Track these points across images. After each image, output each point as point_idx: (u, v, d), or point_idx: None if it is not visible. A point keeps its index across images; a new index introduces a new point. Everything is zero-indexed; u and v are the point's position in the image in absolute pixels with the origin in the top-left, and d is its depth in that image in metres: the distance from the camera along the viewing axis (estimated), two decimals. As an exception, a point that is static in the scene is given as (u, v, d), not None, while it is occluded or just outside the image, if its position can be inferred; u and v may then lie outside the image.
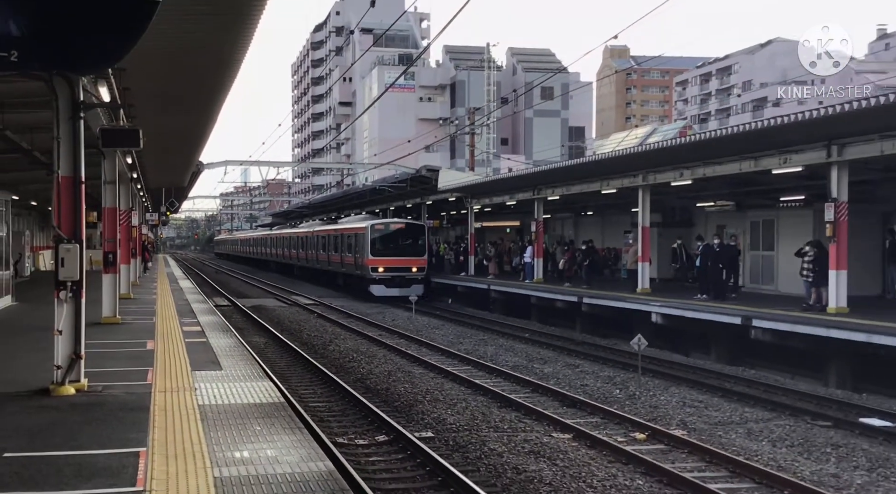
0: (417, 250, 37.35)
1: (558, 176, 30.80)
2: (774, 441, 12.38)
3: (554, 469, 10.62)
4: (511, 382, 17.18)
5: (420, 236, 37.92)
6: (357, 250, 38.46)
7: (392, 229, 38.17)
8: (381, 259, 36.58)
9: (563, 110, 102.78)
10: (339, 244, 42.45)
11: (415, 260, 36.91)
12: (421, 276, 36.94)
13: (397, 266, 36.50)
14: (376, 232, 37.35)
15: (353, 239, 39.44)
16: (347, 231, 41.17)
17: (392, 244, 37.31)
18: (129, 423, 8.77)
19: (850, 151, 18.35)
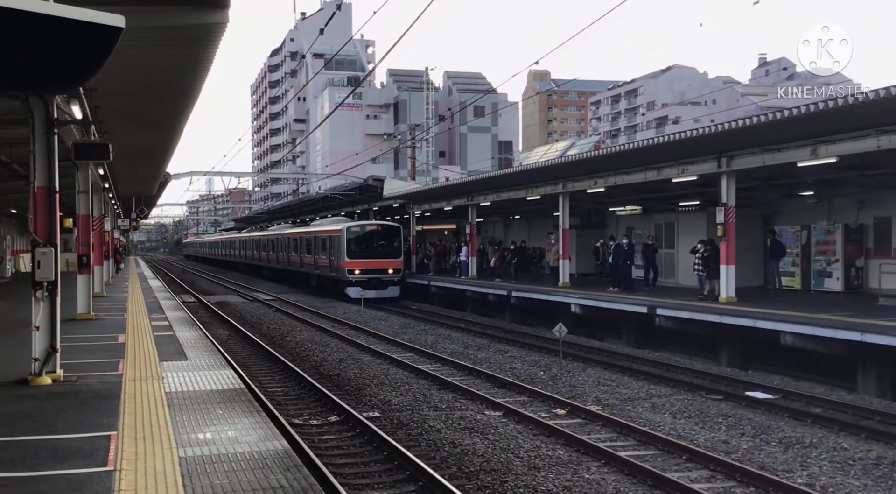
0: (393, 251, 33.54)
1: (489, 185, 30.97)
2: (675, 413, 12.60)
3: (486, 442, 10.65)
4: (449, 366, 17.18)
5: (396, 238, 33.93)
6: (333, 252, 34.57)
7: (368, 230, 34.22)
8: (357, 261, 32.75)
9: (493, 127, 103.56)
10: (312, 246, 38.51)
11: (391, 262, 33.13)
12: (397, 277, 33.36)
13: (374, 268, 32.74)
14: (352, 234, 33.43)
15: (328, 241, 35.50)
16: (322, 233, 37.12)
17: (368, 246, 33.48)
18: (101, 409, 8.55)
19: (737, 162, 18.82)
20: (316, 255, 37.75)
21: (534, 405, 13.19)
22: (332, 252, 34.54)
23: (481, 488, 8.76)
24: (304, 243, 40.43)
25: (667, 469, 9.53)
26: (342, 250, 32.98)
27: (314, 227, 40.92)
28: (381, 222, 35.57)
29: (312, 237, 38.79)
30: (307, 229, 41.88)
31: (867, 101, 12.87)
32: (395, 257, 33.34)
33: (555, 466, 9.56)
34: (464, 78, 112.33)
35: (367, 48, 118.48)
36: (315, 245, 38.10)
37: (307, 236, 40.23)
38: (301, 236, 41.80)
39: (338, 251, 33.54)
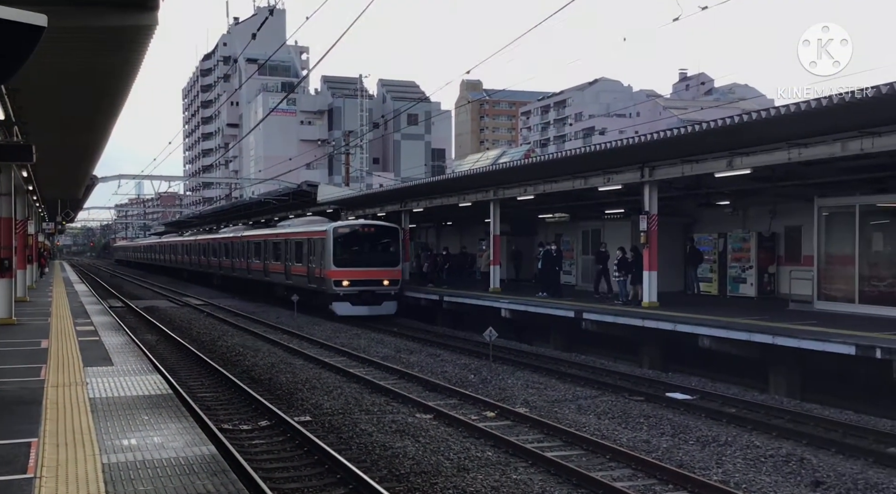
0: (390, 258, 27.71)
1: (422, 191, 30.99)
2: (600, 414, 12.82)
3: (417, 445, 10.63)
4: (381, 370, 17.10)
5: (393, 242, 28.07)
6: (313, 258, 28.42)
7: (359, 232, 28.18)
8: (346, 270, 26.75)
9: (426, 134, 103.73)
10: (284, 252, 32.32)
11: (387, 271, 27.28)
12: (394, 290, 27.30)
13: (366, 279, 26.86)
14: (340, 236, 27.41)
15: (306, 245, 29.34)
16: (298, 236, 30.84)
17: (360, 252, 27.56)
18: (21, 416, 8.20)
19: (659, 172, 19.32)
20: (288, 262, 31.65)
21: (464, 408, 13.23)
22: (313, 259, 28.43)
23: (411, 490, 8.74)
24: (271, 248, 34.24)
25: (591, 468, 9.69)
26: (327, 257, 27.04)
27: (286, 228, 34.28)
28: (374, 223, 29.42)
29: (283, 241, 32.62)
30: (276, 231, 35.25)
31: (778, 115, 13.39)
32: (392, 264, 27.60)
33: (484, 467, 9.61)
34: (398, 86, 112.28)
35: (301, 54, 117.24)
36: (287, 250, 31.88)
37: (276, 238, 33.87)
38: (266, 240, 35.27)
39: (320, 258, 27.68)
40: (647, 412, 12.80)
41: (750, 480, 9.13)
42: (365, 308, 26.48)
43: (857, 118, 13.47)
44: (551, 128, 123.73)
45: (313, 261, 28.41)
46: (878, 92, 11.62)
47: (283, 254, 32.28)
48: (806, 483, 9.11)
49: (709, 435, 11.21)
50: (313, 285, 28.43)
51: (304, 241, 29.88)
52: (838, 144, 14.44)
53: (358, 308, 26.52)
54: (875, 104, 12.11)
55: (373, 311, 26.53)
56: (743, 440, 10.93)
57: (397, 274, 27.55)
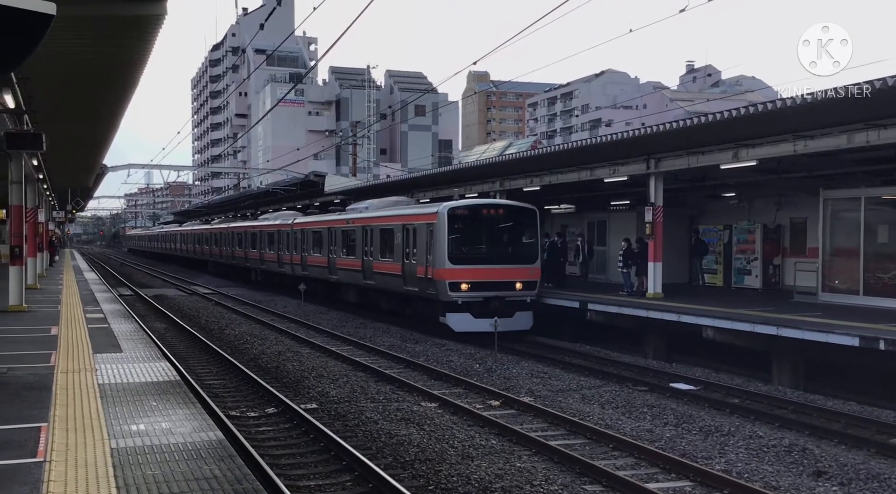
0: (525, 251, 20.35)
1: (429, 182, 30.96)
2: (603, 404, 12.83)
3: (422, 433, 10.67)
4: (387, 359, 17.14)
5: (529, 228, 20.56)
6: (414, 251, 20.94)
7: (485, 215, 20.62)
8: (465, 268, 19.49)
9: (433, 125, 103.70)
10: (360, 243, 24.79)
11: (521, 270, 19.87)
12: (530, 296, 19.82)
13: (492, 281, 19.54)
14: (458, 220, 19.95)
15: (401, 234, 21.78)
16: (386, 221, 23.17)
17: (485, 243, 20.51)
18: (31, 401, 8.26)
19: (665, 164, 19.26)
20: (367, 256, 24.28)
21: (469, 397, 13.26)
22: (414, 252, 20.93)
23: (416, 477, 8.78)
24: (340, 238, 26.88)
25: (594, 456, 9.71)
26: (438, 249, 19.56)
27: (364, 212, 25.89)
28: (503, 202, 22.15)
29: (361, 229, 24.83)
30: (349, 216, 26.95)
31: (784, 107, 13.32)
32: (528, 260, 20.18)
33: (488, 455, 9.64)
34: (405, 77, 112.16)
35: (309, 45, 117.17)
36: (366, 241, 24.42)
37: (348, 226, 26.24)
38: (332, 227, 27.79)
39: (427, 251, 20.15)
40: (651, 402, 12.80)
41: (752, 470, 9.13)
42: (491, 322, 18.21)
43: (863, 111, 13.39)
44: (558, 119, 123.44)
45: (414, 256, 20.83)
46: (885, 84, 11.54)
47: (360, 246, 24.89)
48: (808, 473, 9.11)
49: (712, 425, 11.21)
50: (412, 288, 20.92)
51: (395, 228, 22.18)
52: (844, 136, 14.36)
53: (481, 322, 18.86)
54: (881, 97, 12.03)
55: (502, 325, 18.28)
56: (746, 430, 10.93)
57: (535, 274, 20.06)
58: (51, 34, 4.70)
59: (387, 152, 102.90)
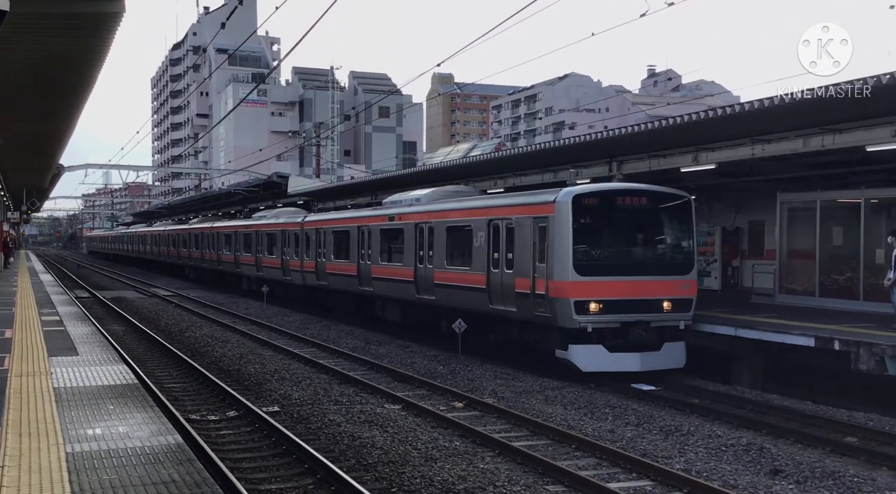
0: (676, 257, 15.27)
1: (394, 183, 30.89)
2: (566, 404, 12.91)
3: (385, 435, 10.64)
4: (350, 361, 17.06)
5: (682, 224, 15.40)
6: (509, 257, 15.60)
7: (623, 205, 15.03)
8: (596, 282, 14.30)
9: (398, 127, 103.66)
10: (418, 243, 19.08)
11: (671, 283, 14.72)
12: (684, 320, 14.63)
13: (630, 299, 14.38)
14: (587, 212, 14.71)
15: (492, 232, 16.15)
16: (466, 215, 17.47)
17: (623, 245, 15.33)
18: (-17, 407, 8.06)
19: (626, 167, 19.45)
20: (423, 263, 18.77)
21: (433, 399, 13.26)
22: (503, 258, 15.77)
23: (379, 479, 8.75)
24: (379, 239, 21.45)
25: (557, 457, 9.77)
26: (557, 253, 14.24)
27: (422, 204, 19.85)
28: (648, 188, 15.54)
29: (415, 226, 19.20)
30: (394, 211, 21.06)
31: (742, 112, 13.56)
32: (681, 270, 14.94)
33: (451, 457, 9.64)
34: (369, 78, 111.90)
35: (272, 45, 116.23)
36: (423, 242, 18.83)
37: (395, 224, 20.52)
38: (366, 226, 22.14)
39: (529, 255, 14.92)
40: (613, 403, 12.92)
41: (711, 469, 9.27)
42: (634, 358, 14.07)
43: (819, 116, 13.69)
44: (522, 122, 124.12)
45: (509, 263, 15.51)
46: (840, 90, 11.81)
47: (411, 250, 19.27)
48: (765, 471, 9.28)
49: (672, 425, 11.36)
50: (505, 307, 15.59)
51: (475, 225, 16.71)
52: (800, 140, 14.66)
53: (619, 359, 14.12)
54: (835, 102, 12.31)
55: (647, 362, 14.16)
56: (705, 429, 11.09)
57: (690, 289, 14.83)
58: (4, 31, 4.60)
59: (351, 154, 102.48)
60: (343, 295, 24.42)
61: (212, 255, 39.09)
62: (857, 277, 17.48)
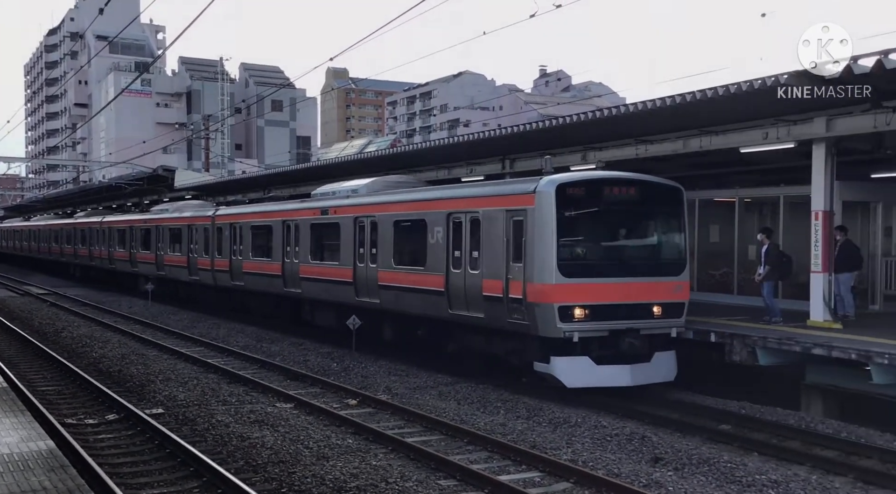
0: (668, 256, 13.68)
1: (288, 178, 30.42)
2: (459, 400, 13.03)
3: (276, 434, 10.45)
4: (241, 360, 16.68)
5: (673, 219, 13.64)
6: (474, 255, 13.78)
7: (611, 197, 13.11)
8: (583, 284, 12.49)
9: (291, 121, 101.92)
10: (358, 239, 17.12)
11: (662, 285, 13.06)
12: (676, 327, 13.06)
13: (621, 303, 12.69)
14: (573, 204, 12.67)
15: (450, 228, 14.30)
16: (420, 207, 15.63)
17: (611, 242, 13.48)
18: None
19: (519, 164, 19.86)
20: (364, 261, 16.91)
21: (326, 397, 13.13)
22: (465, 256, 13.98)
23: (268, 480, 8.58)
24: (308, 235, 19.45)
25: (449, 452, 9.86)
26: (539, 252, 12.46)
27: (363, 196, 17.92)
28: (636, 177, 13.61)
29: (354, 220, 17.28)
30: (326, 204, 19.06)
31: (627, 113, 14.09)
32: (672, 271, 13.27)
33: (344, 454, 9.57)
34: (261, 71, 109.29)
35: (157, 34, 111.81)
36: (364, 238, 16.97)
37: (330, 218, 18.46)
38: (292, 220, 20.19)
39: (502, 254, 13.08)
40: (505, 397, 13.14)
41: (596, 458, 9.59)
42: (624, 371, 12.53)
43: (697, 118, 14.39)
44: (417, 119, 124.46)
45: (473, 263, 13.71)
46: (717, 93, 12.46)
47: (349, 247, 17.38)
48: (646, 459, 9.68)
49: (561, 417, 11.67)
50: (470, 313, 13.79)
51: (430, 219, 14.81)
52: (680, 141, 15.37)
53: (608, 372, 12.51)
54: (711, 105, 12.98)
55: (637, 376, 12.62)
56: (591, 420, 11.45)
57: (683, 292, 13.24)
58: None
59: (242, 148, 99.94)
60: (263, 298, 22.39)
61: (102, 252, 35.72)
62: (731, 272, 18.50)
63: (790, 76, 11.58)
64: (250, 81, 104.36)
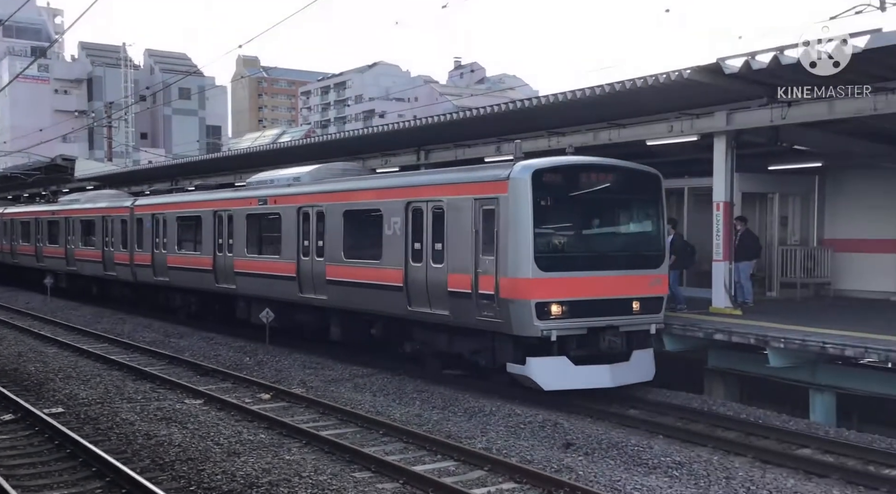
0: (646, 247, 12.80)
1: (198, 169, 29.65)
2: (375, 391, 13.01)
3: (185, 431, 10.19)
4: (147, 356, 16.20)
5: (651, 207, 12.89)
6: (436, 247, 12.84)
7: (589, 183, 12.34)
8: (561, 278, 11.73)
9: (200, 110, 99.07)
10: (303, 231, 16.09)
11: (640, 279, 12.40)
12: (655, 323, 12.42)
13: (600, 299, 11.97)
14: (550, 192, 11.80)
15: (410, 218, 13.40)
16: (374, 196, 14.83)
17: (590, 233, 12.88)
18: None
19: (434, 155, 19.93)
20: (309, 255, 15.90)
21: (238, 392, 12.91)
22: (426, 249, 13.09)
23: (176, 478, 8.36)
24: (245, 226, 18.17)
25: (364, 444, 9.84)
26: (513, 244, 11.60)
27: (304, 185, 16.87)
28: (614, 162, 12.88)
29: (297, 210, 16.20)
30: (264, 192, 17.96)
31: (540, 105, 14.32)
32: (650, 263, 12.64)
33: (256, 450, 9.42)
34: (167, 57, 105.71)
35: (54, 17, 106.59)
36: (309, 229, 15.91)
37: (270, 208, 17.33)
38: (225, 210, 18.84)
39: (471, 247, 12.19)
40: (421, 388, 13.19)
41: (510, 446, 9.75)
42: (604, 372, 11.90)
43: (605, 111, 14.76)
44: (332, 109, 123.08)
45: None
46: (624, 87, 12.80)
47: (293, 239, 16.29)
48: (558, 445, 9.90)
49: (476, 406, 11.79)
50: (433, 310, 12.89)
51: (387, 209, 13.92)
52: (591, 133, 15.73)
53: (587, 373, 11.85)
54: (616, 99, 13.34)
55: (617, 376, 12.02)
56: (506, 409, 11.62)
57: (661, 286, 12.67)
58: None
59: (148, 137, 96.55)
60: (191, 294, 21.03)
61: (3, 246, 33.53)
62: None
63: (693, 71, 12.00)
64: (156, 67, 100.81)
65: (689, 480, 8.57)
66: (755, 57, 11.30)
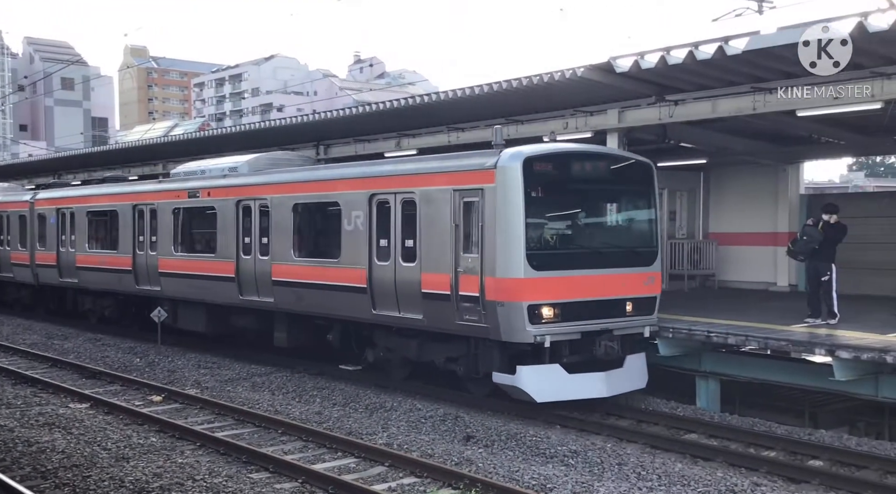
0: (640, 243, 11.91)
1: (82, 162, 28.40)
2: (274, 390, 12.80)
3: (69, 437, 9.73)
4: (28, 359, 15.43)
5: (644, 199, 12.04)
6: (407, 244, 11.74)
7: (581, 173, 11.60)
8: (551, 278, 10.67)
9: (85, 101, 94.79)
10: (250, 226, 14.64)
11: (633, 278, 11.44)
12: (649, 325, 11.51)
13: (594, 300, 11.01)
14: (542, 181, 10.77)
15: (374, 211, 12.19)
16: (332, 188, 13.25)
17: (583, 227, 11.86)
18: None
19: (333, 150, 19.73)
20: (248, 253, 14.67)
21: (127, 394, 12.47)
22: (395, 247, 11.93)
23: (60, 486, 7.96)
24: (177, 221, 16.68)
25: (262, 444, 9.67)
26: (502, 241, 10.52)
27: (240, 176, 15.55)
28: (605, 150, 12.96)
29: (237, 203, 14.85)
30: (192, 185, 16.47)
31: (439, 101, 14.40)
32: (644, 260, 11.71)
33: (146, 454, 9.10)
34: (48, 45, 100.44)
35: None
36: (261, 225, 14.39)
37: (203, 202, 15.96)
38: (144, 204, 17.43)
39: (450, 243, 11.08)
40: (321, 385, 13.07)
41: (411, 440, 9.78)
42: (599, 380, 10.95)
43: (503, 107, 14.99)
44: (227, 101, 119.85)
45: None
46: (521, 84, 13.05)
47: (238, 233, 14.91)
48: (459, 438, 10.01)
49: (377, 402, 11.78)
50: (409, 315, 11.74)
51: (346, 201, 12.70)
52: (489, 130, 15.91)
53: (582, 381, 10.87)
54: (513, 95, 13.58)
55: (613, 384, 11.10)
56: (407, 404, 11.65)
57: (655, 285, 11.81)
58: None
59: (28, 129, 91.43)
60: (105, 297, 19.39)
61: None
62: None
63: (586, 70, 12.34)
64: (35, 56, 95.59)
65: (584, 467, 8.84)
66: (644, 57, 11.72)
